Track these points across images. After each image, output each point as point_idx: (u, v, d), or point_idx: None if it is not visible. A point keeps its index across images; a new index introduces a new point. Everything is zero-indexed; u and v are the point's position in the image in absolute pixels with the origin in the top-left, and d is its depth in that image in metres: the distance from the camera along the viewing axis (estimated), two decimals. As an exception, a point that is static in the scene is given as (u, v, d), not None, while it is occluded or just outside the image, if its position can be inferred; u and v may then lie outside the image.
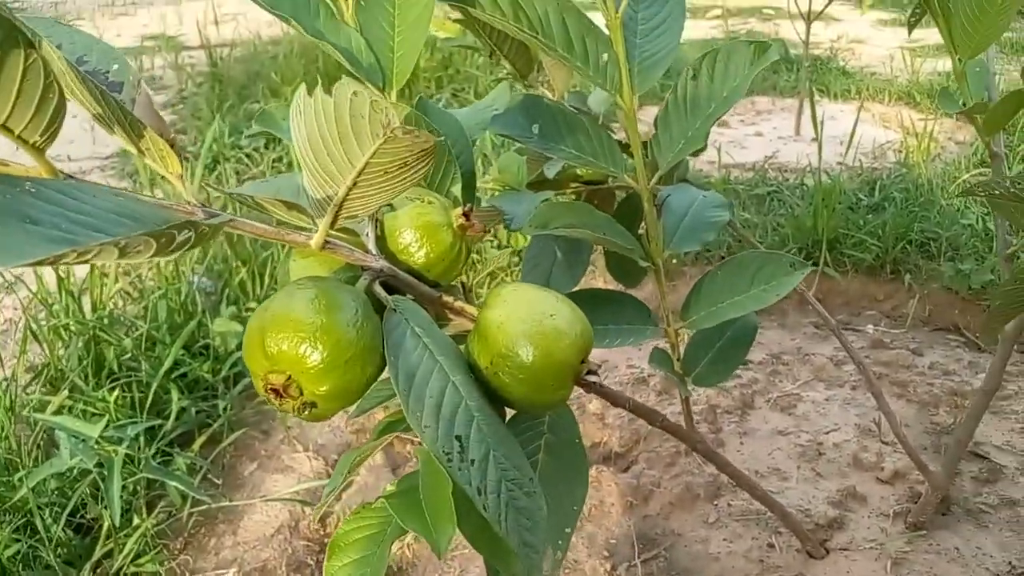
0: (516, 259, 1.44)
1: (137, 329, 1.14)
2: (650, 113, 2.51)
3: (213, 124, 2.32)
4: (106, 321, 1.16)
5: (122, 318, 1.21)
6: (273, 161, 2.29)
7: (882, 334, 1.31)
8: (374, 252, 0.42)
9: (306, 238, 0.37)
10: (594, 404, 1.11)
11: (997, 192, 0.58)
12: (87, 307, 1.19)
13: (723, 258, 1.30)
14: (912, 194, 1.70)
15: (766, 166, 2.03)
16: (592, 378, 0.43)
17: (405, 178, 0.32)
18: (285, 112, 0.54)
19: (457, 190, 0.48)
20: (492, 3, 0.57)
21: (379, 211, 0.43)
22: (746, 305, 0.65)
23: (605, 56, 0.61)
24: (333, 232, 0.37)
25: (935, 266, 1.44)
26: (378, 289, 0.40)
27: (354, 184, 0.31)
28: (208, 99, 2.97)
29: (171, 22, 4.64)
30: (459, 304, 0.44)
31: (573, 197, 0.85)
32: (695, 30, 4.32)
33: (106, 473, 0.81)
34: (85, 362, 1.06)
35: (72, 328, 1.14)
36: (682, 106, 0.64)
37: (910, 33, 0.92)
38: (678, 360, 0.70)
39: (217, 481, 1.02)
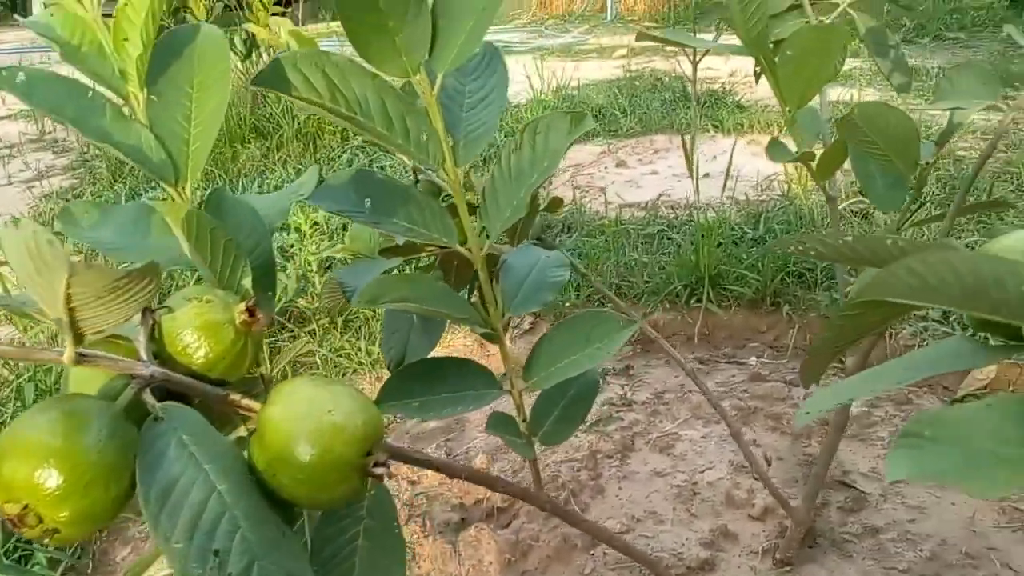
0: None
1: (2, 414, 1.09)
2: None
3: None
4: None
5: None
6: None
7: (762, 366, 1.35)
8: (145, 358, 0.41)
9: (58, 355, 0.36)
10: (480, 459, 1.11)
11: (812, 251, 0.60)
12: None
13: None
14: (793, 225, 1.77)
15: (658, 204, 2.10)
16: (379, 470, 0.43)
17: (129, 298, 0.32)
18: (88, 207, 0.53)
19: (249, 283, 0.48)
20: (307, 85, 0.58)
21: (156, 314, 0.43)
22: (582, 363, 0.67)
23: (425, 133, 0.62)
24: (91, 347, 0.37)
25: (812, 296, 1.50)
26: (148, 398, 0.40)
27: (72, 310, 0.31)
28: (109, 162, 2.89)
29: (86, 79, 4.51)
30: (246, 402, 0.44)
31: (429, 261, 0.86)
32: (601, 70, 4.45)
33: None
34: None
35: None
36: (507, 176, 0.66)
37: (757, 82, 0.96)
38: (524, 421, 0.70)
39: (87, 572, 0.98)
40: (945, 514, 0.95)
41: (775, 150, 0.83)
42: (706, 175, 2.27)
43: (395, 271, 0.82)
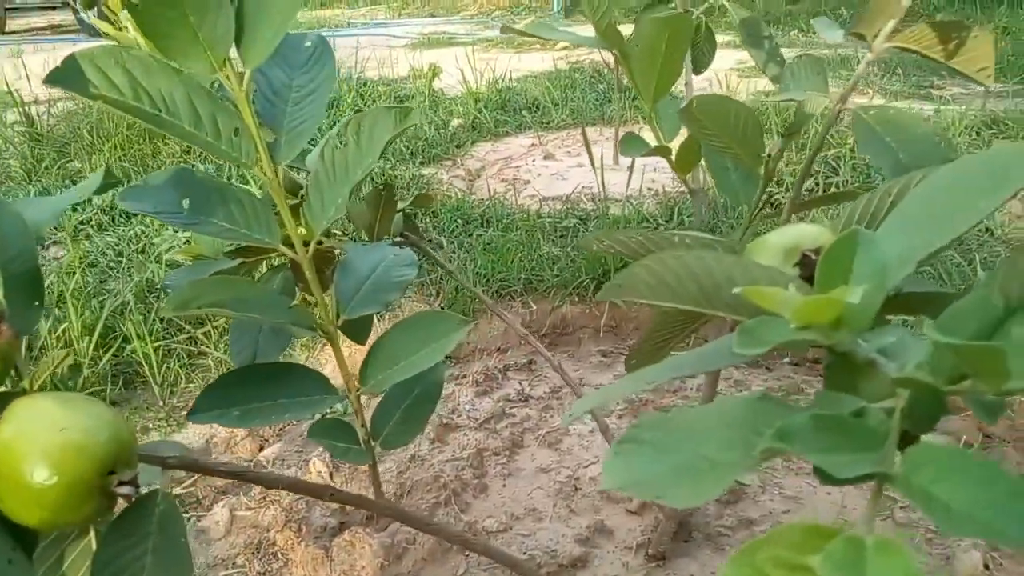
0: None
1: None
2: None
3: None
4: None
5: None
6: (78, 225, 2.16)
7: (665, 359, 1.35)
8: None
9: None
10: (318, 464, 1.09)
11: (611, 248, 0.59)
12: None
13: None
14: (704, 215, 1.77)
15: (580, 196, 2.09)
16: (124, 490, 0.41)
17: None
18: None
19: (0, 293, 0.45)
20: (107, 83, 0.55)
21: None
22: (420, 364, 0.65)
23: (236, 130, 0.60)
24: None
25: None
26: None
27: None
28: (23, 160, 2.79)
29: (9, 75, 4.36)
30: (-14, 418, 0.41)
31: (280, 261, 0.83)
32: (543, 62, 4.44)
33: None
34: None
35: None
36: (331, 172, 0.64)
37: (617, 73, 0.95)
38: (363, 426, 0.69)
39: None
40: (820, 503, 0.95)
41: (629, 144, 0.82)
42: (629, 168, 2.27)
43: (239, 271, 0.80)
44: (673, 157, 0.85)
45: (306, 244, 0.67)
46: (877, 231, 0.41)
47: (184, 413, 1.27)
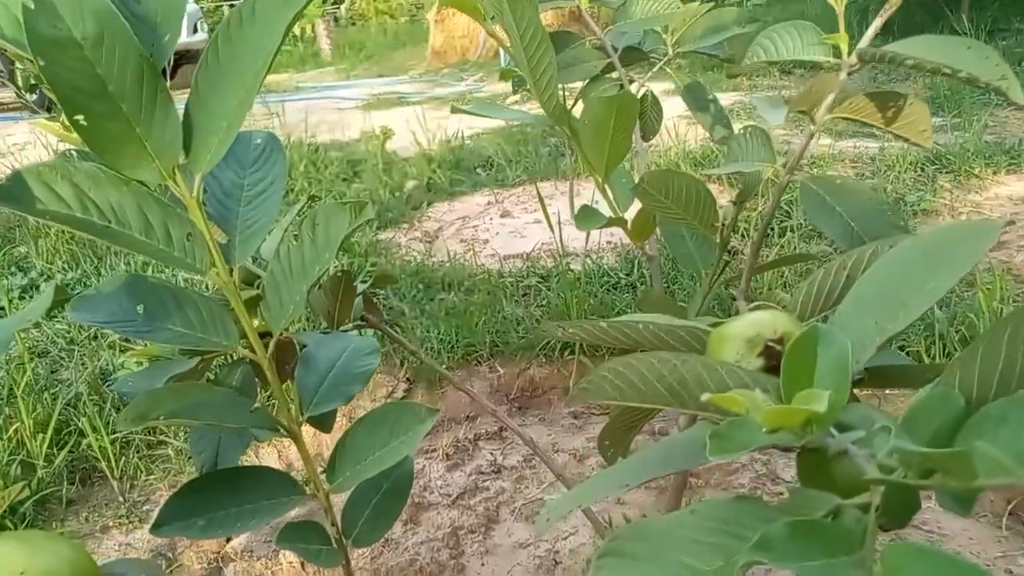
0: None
1: None
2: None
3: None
4: None
5: None
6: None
7: (635, 416, 1.35)
8: None
9: None
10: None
11: (576, 336, 0.60)
12: None
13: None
14: (664, 269, 1.80)
15: (541, 253, 2.11)
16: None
17: None
18: None
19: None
20: (55, 199, 0.54)
21: None
22: (387, 459, 0.64)
23: (188, 235, 0.59)
24: None
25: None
26: None
27: None
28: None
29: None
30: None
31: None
32: (494, 119, 4.51)
33: None
34: None
35: None
36: (287, 271, 0.63)
37: (569, 146, 0.97)
38: (333, 525, 0.67)
39: None
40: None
41: (585, 217, 0.82)
42: (586, 221, 2.30)
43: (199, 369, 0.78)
44: (629, 227, 0.87)
45: (263, 337, 0.66)
46: (834, 315, 0.42)
47: (145, 507, 1.22)
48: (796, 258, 1.47)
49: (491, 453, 1.26)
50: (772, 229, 2.06)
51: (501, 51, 7.81)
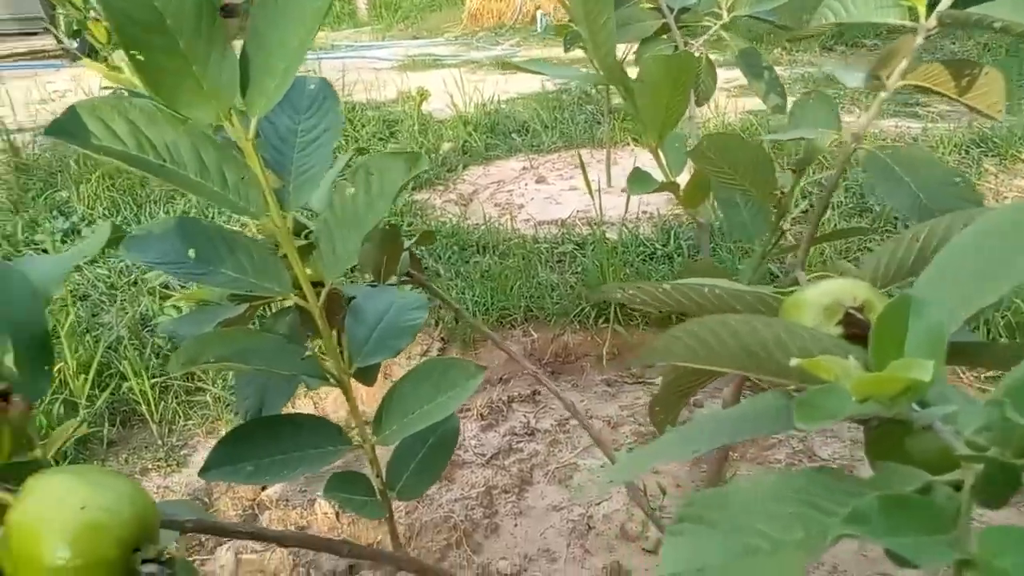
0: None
1: None
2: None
3: None
4: None
5: None
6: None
7: (669, 387, 1.34)
8: None
9: None
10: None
11: (636, 299, 0.58)
12: None
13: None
14: (702, 240, 1.77)
15: (575, 221, 2.08)
16: (149, 568, 0.39)
17: None
18: None
19: (11, 360, 0.43)
20: (110, 134, 0.54)
21: None
22: (433, 414, 0.64)
23: (244, 178, 0.59)
24: None
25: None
26: None
27: None
28: (9, 190, 2.76)
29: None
30: (1, 495, 0.39)
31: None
32: (530, 82, 4.45)
33: None
34: None
35: None
36: (340, 220, 0.63)
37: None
38: (378, 477, 0.67)
39: None
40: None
41: (637, 181, 0.81)
42: (623, 190, 2.27)
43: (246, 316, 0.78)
44: (680, 193, 0.85)
45: (314, 286, 0.66)
46: (915, 286, 0.40)
47: (183, 451, 1.24)
48: (855, 231, 1.43)
49: (524, 416, 1.26)
50: (811, 205, 2.02)
51: (538, 16, 7.70)
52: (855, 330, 0.38)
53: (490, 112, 3.48)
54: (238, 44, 0.56)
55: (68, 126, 0.53)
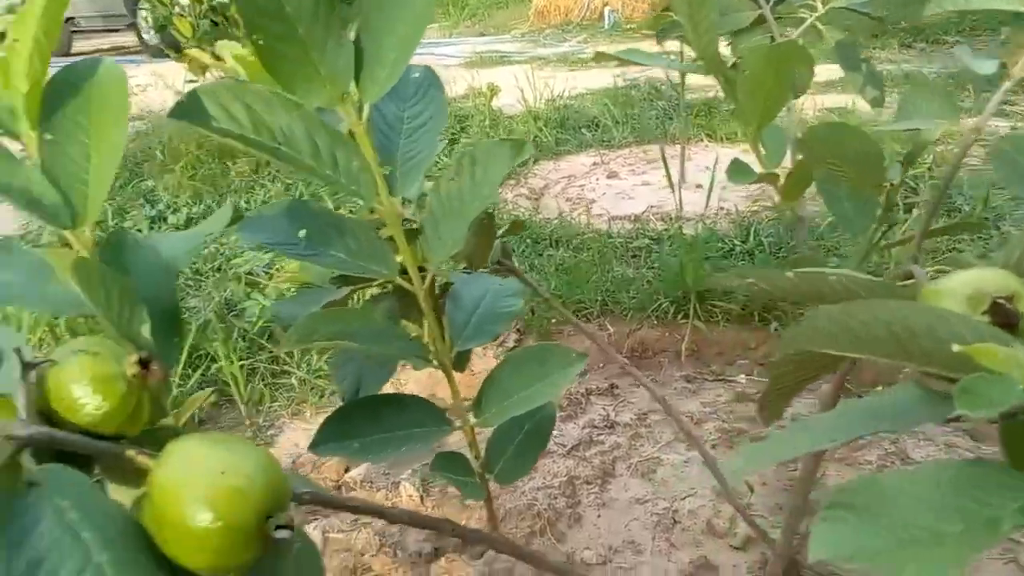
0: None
1: None
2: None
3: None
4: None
5: None
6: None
7: (751, 385, 1.32)
8: (24, 416, 0.38)
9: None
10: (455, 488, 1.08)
11: (755, 287, 0.58)
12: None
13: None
14: (782, 238, 1.73)
15: (649, 216, 2.07)
16: (282, 534, 0.40)
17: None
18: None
19: (147, 331, 0.45)
20: (228, 117, 0.55)
21: (40, 368, 0.40)
22: (534, 399, 0.64)
23: (356, 163, 0.60)
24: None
25: (803, 311, 1.46)
26: (25, 460, 0.37)
27: None
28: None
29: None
30: (141, 459, 0.41)
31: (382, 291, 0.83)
32: (598, 78, 4.43)
33: None
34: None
35: None
36: (446, 205, 0.63)
37: (726, 96, 0.93)
38: (477, 459, 0.68)
39: None
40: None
41: (737, 171, 0.79)
42: (698, 186, 2.24)
43: (346, 300, 0.80)
44: (780, 185, 0.83)
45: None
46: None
47: (270, 432, 1.28)
48: (965, 226, 1.37)
49: (603, 408, 1.25)
50: (896, 205, 1.96)
51: (605, 12, 7.65)
52: (1003, 320, 0.36)
53: (559, 108, 3.47)
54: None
55: (190, 109, 0.54)
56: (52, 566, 0.33)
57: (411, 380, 1.31)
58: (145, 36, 7.35)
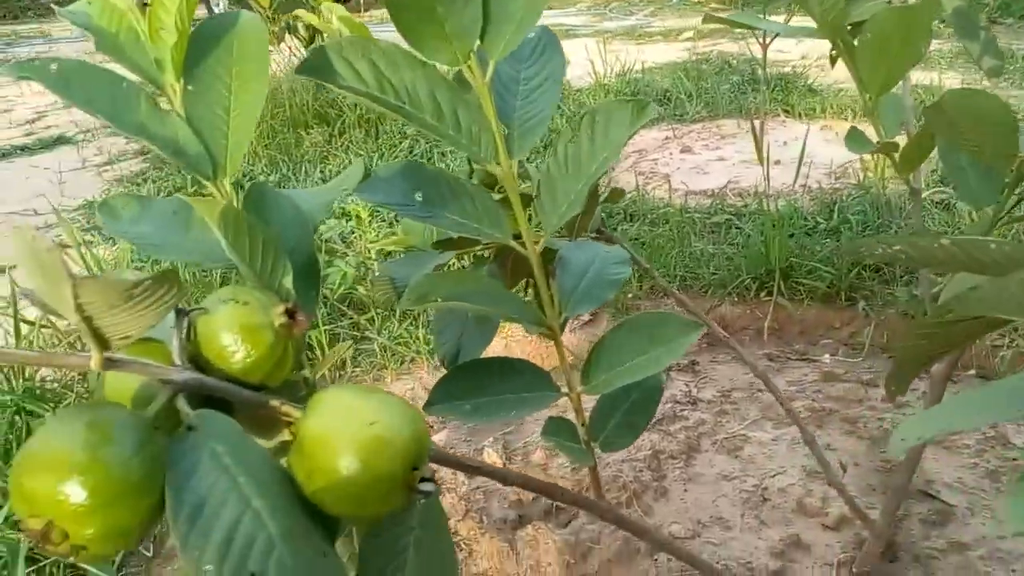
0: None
1: (65, 399, 1.12)
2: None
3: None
4: (37, 392, 1.13)
5: (56, 387, 1.19)
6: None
7: (837, 364, 1.29)
8: (178, 362, 0.39)
9: (84, 360, 0.34)
10: (538, 454, 1.08)
11: (901, 255, 0.55)
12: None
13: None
14: (869, 216, 1.68)
15: (726, 192, 2.02)
16: (427, 486, 0.40)
17: (151, 305, 0.30)
18: (128, 201, 0.52)
19: (290, 282, 0.46)
20: (353, 74, 0.55)
21: (191, 316, 0.41)
22: (645, 368, 0.63)
23: (477, 126, 0.59)
24: (121, 351, 0.35)
25: (891, 291, 1.41)
26: (181, 404, 0.38)
27: (87, 318, 0.29)
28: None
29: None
30: (286, 408, 0.42)
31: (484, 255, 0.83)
32: (667, 53, 4.34)
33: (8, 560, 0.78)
34: (9, 436, 1.04)
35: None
36: (564, 168, 0.63)
37: (832, 66, 0.90)
38: (583, 426, 0.67)
39: (147, 553, 0.99)
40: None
41: (855, 140, 0.76)
42: (776, 162, 2.18)
43: (448, 264, 0.80)
44: (897, 155, 0.80)
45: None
46: None
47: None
48: None
49: (685, 384, 1.24)
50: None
51: (673, -15, 7.47)
52: None
53: (629, 81, 3.42)
54: None
55: (318, 65, 0.54)
56: (212, 510, 0.34)
57: (494, 346, 1.31)
58: (215, 8, 7.47)
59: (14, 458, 0.33)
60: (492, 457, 1.06)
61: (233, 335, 0.41)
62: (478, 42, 0.58)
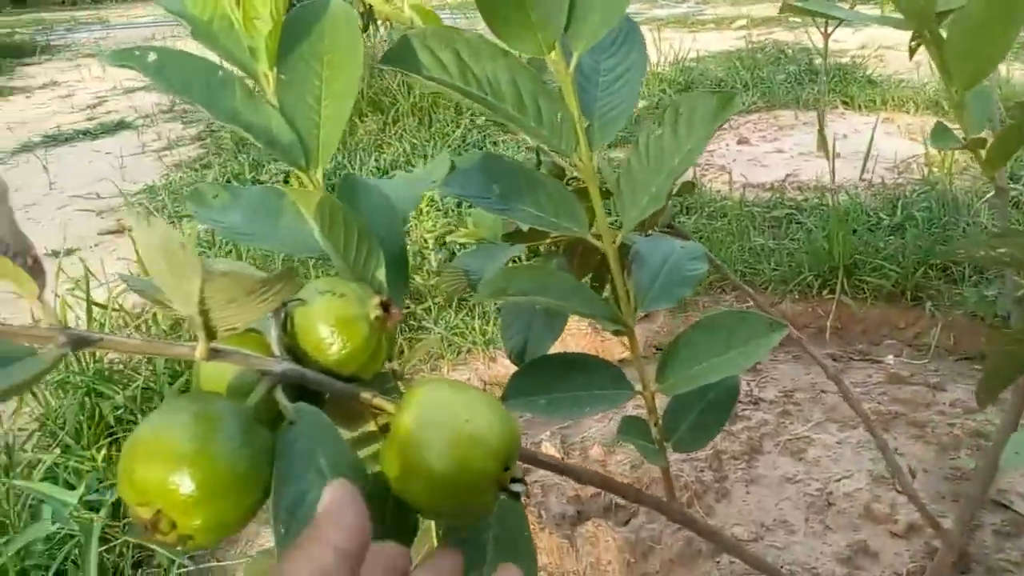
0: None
1: (134, 381, 1.14)
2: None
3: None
4: (106, 374, 1.16)
5: (124, 369, 1.21)
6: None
7: (902, 366, 1.25)
8: (277, 353, 0.39)
9: (190, 350, 0.35)
10: (595, 450, 1.08)
11: (1006, 258, 0.53)
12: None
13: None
14: (935, 213, 1.63)
15: (785, 185, 1.98)
16: (517, 487, 0.40)
17: (264, 299, 0.30)
18: (218, 189, 0.52)
19: (383, 275, 0.45)
20: (438, 65, 0.55)
21: (287, 306, 0.41)
22: (722, 369, 0.61)
23: (560, 115, 0.58)
24: (222, 342, 0.35)
25: (959, 291, 1.37)
26: (280, 397, 0.38)
27: (205, 311, 0.29)
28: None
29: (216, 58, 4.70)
30: (377, 401, 0.41)
31: (553, 249, 0.82)
32: (721, 42, 4.27)
33: (83, 540, 0.80)
34: (80, 417, 1.06)
35: (71, 382, 1.14)
36: (645, 161, 0.61)
37: (911, 58, 0.87)
38: (656, 426, 0.66)
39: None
40: None
41: (940, 136, 0.73)
42: (837, 155, 2.12)
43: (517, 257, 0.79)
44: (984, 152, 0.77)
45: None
46: None
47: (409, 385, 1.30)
48: None
49: (746, 383, 1.21)
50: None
51: (727, -28, 7.32)
52: None
53: (683, 70, 3.37)
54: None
55: (402, 55, 0.54)
56: (310, 505, 0.34)
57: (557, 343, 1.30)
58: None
59: (123, 444, 0.33)
60: (549, 450, 1.05)
61: (330, 327, 0.41)
62: (562, 31, 0.57)
